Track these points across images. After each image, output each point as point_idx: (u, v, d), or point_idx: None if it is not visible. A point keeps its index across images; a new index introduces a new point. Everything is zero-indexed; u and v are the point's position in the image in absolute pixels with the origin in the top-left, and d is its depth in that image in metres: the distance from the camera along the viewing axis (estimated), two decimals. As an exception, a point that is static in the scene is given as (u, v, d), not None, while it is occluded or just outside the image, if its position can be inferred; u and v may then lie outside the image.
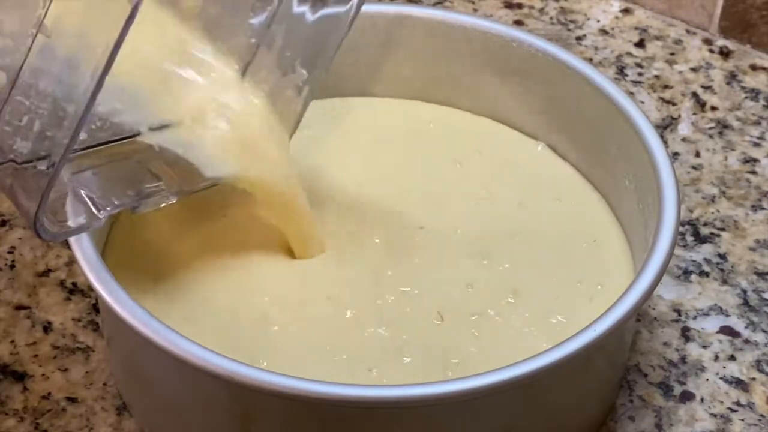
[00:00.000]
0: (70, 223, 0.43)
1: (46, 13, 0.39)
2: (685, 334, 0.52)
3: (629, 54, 0.66)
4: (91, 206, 0.44)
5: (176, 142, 0.46)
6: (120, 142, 0.46)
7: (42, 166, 0.40)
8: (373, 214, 0.52)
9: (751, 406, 0.50)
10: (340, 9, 0.49)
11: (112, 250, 0.49)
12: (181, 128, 0.46)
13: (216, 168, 0.47)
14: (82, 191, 0.44)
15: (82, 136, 0.43)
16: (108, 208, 0.45)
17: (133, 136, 0.46)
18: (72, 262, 0.54)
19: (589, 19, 0.68)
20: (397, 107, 0.57)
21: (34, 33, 0.39)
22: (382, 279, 0.49)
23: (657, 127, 0.57)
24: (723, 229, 0.57)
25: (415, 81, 0.56)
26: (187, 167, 0.47)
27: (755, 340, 0.52)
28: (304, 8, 0.49)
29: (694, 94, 0.63)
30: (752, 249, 0.56)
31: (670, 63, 0.65)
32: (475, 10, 0.68)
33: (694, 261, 0.55)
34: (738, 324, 0.53)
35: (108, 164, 0.46)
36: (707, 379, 0.50)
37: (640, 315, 0.52)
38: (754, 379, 0.51)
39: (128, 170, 0.47)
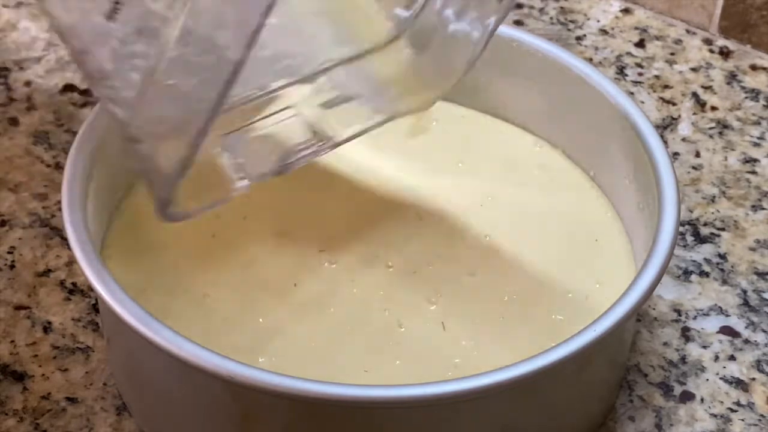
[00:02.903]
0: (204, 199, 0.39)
1: None
2: (685, 334, 0.52)
3: (629, 54, 0.66)
4: (233, 174, 0.40)
5: (357, 77, 0.45)
6: (286, 87, 0.42)
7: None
8: (374, 212, 0.52)
9: (751, 406, 0.50)
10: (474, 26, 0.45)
11: (112, 250, 0.49)
12: (364, 60, 0.45)
13: (393, 102, 0.46)
14: (227, 157, 0.40)
15: (238, 89, 0.36)
16: (253, 175, 0.40)
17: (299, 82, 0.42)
18: (72, 262, 0.54)
19: (589, 19, 0.68)
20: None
21: None
22: (381, 276, 0.49)
23: (657, 127, 0.57)
24: (723, 229, 0.57)
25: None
26: (343, 113, 0.45)
27: (755, 340, 0.52)
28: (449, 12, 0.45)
29: (694, 94, 0.63)
30: (752, 249, 0.56)
31: (670, 63, 0.65)
32: (475, 10, 0.68)
33: (694, 261, 0.55)
34: (738, 324, 0.53)
35: (259, 121, 0.42)
36: (707, 379, 0.50)
37: (640, 315, 0.52)
38: (754, 379, 0.51)
39: (278, 127, 0.43)
